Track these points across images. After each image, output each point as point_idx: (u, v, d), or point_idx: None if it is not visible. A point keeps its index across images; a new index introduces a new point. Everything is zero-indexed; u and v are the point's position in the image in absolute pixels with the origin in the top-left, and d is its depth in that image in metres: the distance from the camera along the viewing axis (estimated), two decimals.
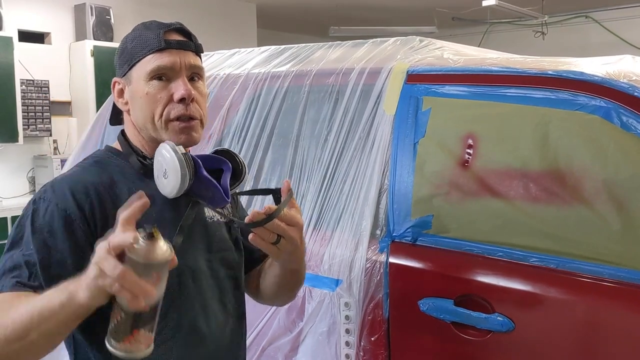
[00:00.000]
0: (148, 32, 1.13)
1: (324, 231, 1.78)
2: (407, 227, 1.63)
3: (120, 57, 1.16)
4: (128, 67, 1.13)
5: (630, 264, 1.32)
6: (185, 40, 1.14)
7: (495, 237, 1.50)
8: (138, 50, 1.12)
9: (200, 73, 1.16)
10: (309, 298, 1.75)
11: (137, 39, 1.13)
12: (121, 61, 1.15)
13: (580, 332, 1.37)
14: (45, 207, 1.05)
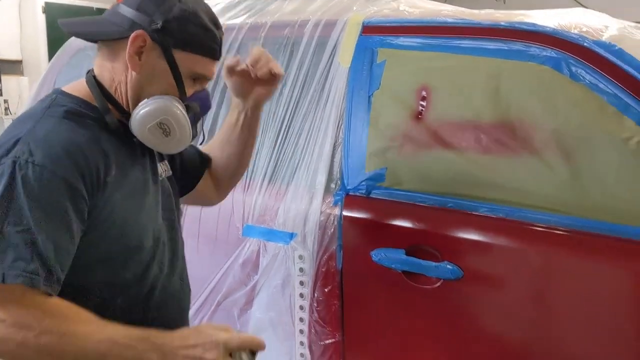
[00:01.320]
0: (211, 33, 1.10)
1: (278, 185, 1.77)
2: (361, 180, 1.63)
3: (171, 21, 1.05)
4: (174, 44, 1.06)
5: (578, 212, 1.35)
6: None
7: (446, 189, 1.51)
8: (197, 42, 1.08)
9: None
10: (264, 252, 1.74)
11: (199, 29, 1.08)
12: (171, 27, 1.05)
13: (528, 279, 1.40)
14: (38, 174, 0.93)
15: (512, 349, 1.43)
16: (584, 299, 1.33)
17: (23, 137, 0.96)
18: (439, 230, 1.49)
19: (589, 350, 1.34)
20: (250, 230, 1.77)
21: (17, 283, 0.88)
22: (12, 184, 0.92)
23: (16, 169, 0.93)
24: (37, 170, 0.93)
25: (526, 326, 1.40)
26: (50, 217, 0.93)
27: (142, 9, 1.05)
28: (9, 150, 0.95)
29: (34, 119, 1.01)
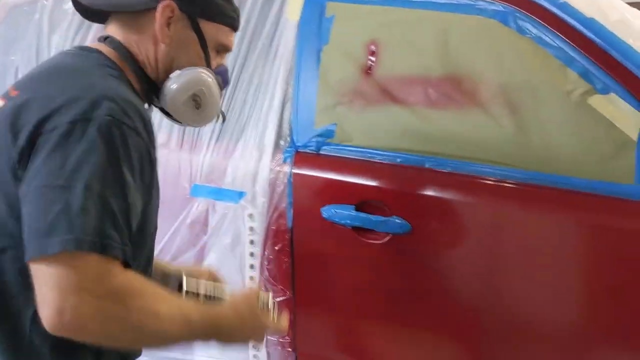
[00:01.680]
0: (231, 3, 1.10)
1: (226, 143, 1.73)
2: (311, 137, 1.61)
3: None
4: (200, 14, 1.04)
5: (524, 165, 1.37)
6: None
7: (396, 144, 1.51)
8: (221, 12, 1.07)
9: None
10: (212, 212, 1.71)
11: (226, 2, 1.09)
12: (200, 2, 1.04)
13: (476, 233, 1.42)
14: (136, 139, 0.87)
15: (461, 302, 1.45)
16: (532, 250, 1.36)
17: (105, 93, 0.87)
18: (388, 185, 1.49)
19: (537, 300, 1.37)
20: (198, 189, 1.73)
21: (113, 255, 0.81)
22: (112, 146, 0.84)
23: (114, 129, 0.84)
24: (133, 134, 0.87)
25: (475, 279, 1.42)
26: (137, 187, 0.88)
27: None
28: (93, 105, 0.84)
29: (96, 75, 0.93)
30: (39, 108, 0.86)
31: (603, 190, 1.26)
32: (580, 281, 1.34)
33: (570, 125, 1.33)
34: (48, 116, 0.84)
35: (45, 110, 0.85)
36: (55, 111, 0.84)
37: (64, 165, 0.81)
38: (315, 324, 1.66)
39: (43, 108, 0.85)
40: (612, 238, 1.26)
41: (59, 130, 0.83)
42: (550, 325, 1.37)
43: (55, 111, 0.84)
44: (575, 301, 1.35)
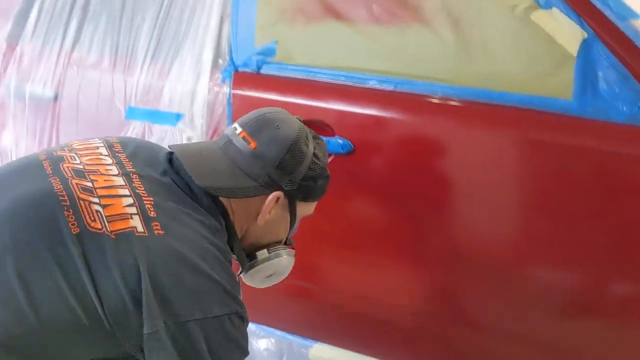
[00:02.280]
0: (328, 179, 1.17)
1: (162, 63, 1.64)
2: (251, 56, 1.54)
3: (307, 180, 1.10)
4: (301, 198, 1.13)
5: (464, 81, 1.35)
6: None
7: (338, 62, 1.46)
8: (320, 193, 1.16)
9: None
10: (149, 135, 1.65)
11: (325, 181, 1.16)
12: (304, 188, 1.10)
13: (419, 151, 1.40)
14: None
15: (403, 221, 1.46)
16: (474, 168, 1.35)
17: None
18: (330, 105, 1.45)
19: (479, 217, 1.38)
20: (134, 112, 1.66)
21: None
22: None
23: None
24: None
25: (418, 198, 1.42)
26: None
27: (282, 166, 1.06)
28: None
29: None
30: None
31: (542, 105, 1.27)
32: (519, 198, 1.36)
33: (513, 41, 1.31)
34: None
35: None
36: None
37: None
38: None
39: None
40: (550, 154, 1.28)
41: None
42: (492, 242, 1.40)
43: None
44: (515, 217, 1.38)
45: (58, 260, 0.88)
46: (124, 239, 0.90)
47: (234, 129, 1.10)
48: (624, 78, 1.21)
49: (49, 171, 0.99)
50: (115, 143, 1.11)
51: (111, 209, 0.93)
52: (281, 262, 1.16)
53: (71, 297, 0.87)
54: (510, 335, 1.45)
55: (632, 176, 1.22)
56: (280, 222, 1.13)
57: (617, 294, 1.32)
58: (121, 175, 1.00)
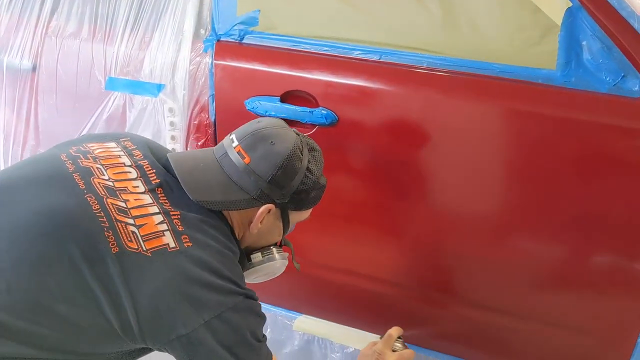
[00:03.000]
0: (324, 188, 1.23)
1: (142, 33, 1.61)
2: (233, 25, 1.51)
3: (299, 193, 1.15)
4: (294, 208, 1.18)
5: (449, 51, 1.34)
6: None
7: (322, 32, 1.44)
8: (313, 202, 1.21)
9: None
10: (130, 106, 1.62)
11: (319, 192, 1.20)
12: (296, 200, 1.16)
13: (403, 122, 1.39)
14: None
15: (388, 193, 1.46)
16: (459, 139, 1.35)
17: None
18: (314, 75, 1.43)
19: (463, 188, 1.38)
20: (114, 83, 1.62)
21: None
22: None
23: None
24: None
25: (403, 169, 1.42)
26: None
27: (274, 181, 1.11)
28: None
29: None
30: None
31: (526, 76, 1.26)
32: (504, 169, 1.36)
33: (498, 11, 1.30)
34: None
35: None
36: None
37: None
38: None
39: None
40: (534, 124, 1.27)
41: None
42: (475, 213, 1.40)
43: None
44: (499, 188, 1.38)
45: (98, 276, 0.97)
46: (159, 255, 1.00)
47: (231, 140, 1.15)
48: (607, 48, 1.21)
49: (82, 186, 1.05)
50: (133, 150, 1.18)
51: (145, 229, 1.02)
52: (275, 264, 1.25)
53: (109, 310, 0.97)
54: (494, 308, 1.47)
55: (615, 146, 1.23)
56: (273, 230, 1.21)
57: (602, 265, 1.33)
58: (148, 193, 1.09)
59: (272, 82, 1.46)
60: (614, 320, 1.36)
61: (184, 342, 1.00)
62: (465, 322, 1.52)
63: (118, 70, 1.62)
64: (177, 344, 1.00)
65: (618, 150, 1.23)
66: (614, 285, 1.34)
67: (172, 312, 0.99)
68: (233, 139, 1.15)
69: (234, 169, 1.11)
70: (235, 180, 1.11)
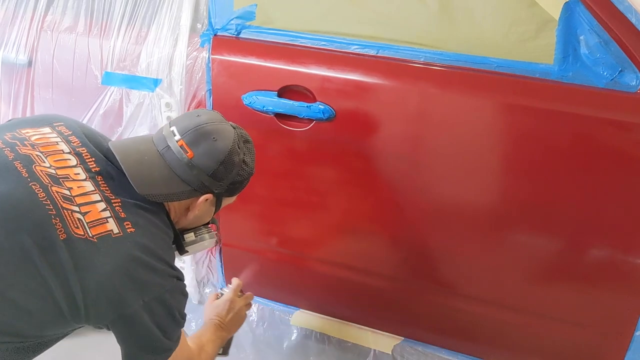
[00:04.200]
0: (251, 176, 1.29)
1: (138, 28, 1.60)
2: (230, 19, 1.50)
3: (235, 183, 1.23)
4: (227, 194, 1.27)
5: (446, 46, 1.34)
6: None
7: (319, 26, 1.44)
8: (242, 188, 1.29)
9: None
10: (127, 101, 1.61)
11: (248, 180, 1.28)
12: (231, 189, 1.24)
13: (400, 117, 1.39)
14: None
15: (386, 188, 1.46)
16: (456, 134, 1.35)
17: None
18: (311, 70, 1.43)
19: (461, 183, 1.38)
20: (111, 77, 1.62)
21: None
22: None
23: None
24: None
25: (400, 164, 1.42)
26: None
27: (215, 175, 1.19)
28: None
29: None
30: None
31: (524, 70, 1.26)
32: (500, 163, 1.35)
33: (495, 5, 1.29)
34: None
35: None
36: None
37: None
38: (238, 215, 1.65)
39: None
40: (531, 118, 1.27)
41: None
42: (473, 207, 1.40)
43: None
44: (496, 182, 1.38)
45: (50, 263, 1.01)
46: (104, 241, 1.06)
47: (172, 133, 1.18)
48: (605, 42, 1.21)
49: (25, 174, 1.08)
50: (69, 136, 1.21)
51: (90, 216, 1.07)
52: (204, 244, 1.34)
53: (59, 295, 1.02)
54: (492, 301, 1.47)
55: (613, 141, 1.23)
56: (207, 213, 1.30)
57: (599, 258, 1.33)
58: (89, 180, 1.13)
59: (270, 76, 1.46)
60: (612, 314, 1.37)
61: (125, 319, 1.07)
62: (462, 316, 1.53)
63: (114, 65, 1.61)
64: (118, 322, 1.07)
65: (615, 145, 1.23)
66: (611, 278, 1.34)
67: (116, 293, 1.04)
68: (174, 131, 1.18)
69: (177, 162, 1.16)
70: (178, 174, 1.17)
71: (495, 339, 1.54)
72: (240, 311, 1.55)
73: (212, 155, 1.17)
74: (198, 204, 1.22)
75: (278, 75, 1.45)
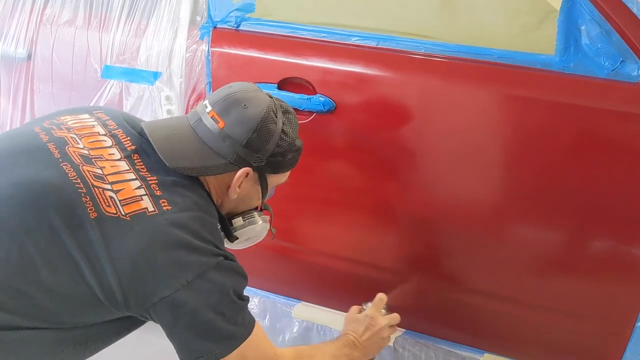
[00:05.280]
0: (301, 151, 1.22)
1: (138, 21, 1.60)
2: (230, 12, 1.50)
3: (275, 155, 1.15)
4: (271, 171, 1.18)
5: (447, 37, 1.33)
6: None
7: (319, 18, 1.43)
8: (290, 165, 1.21)
9: None
10: (127, 94, 1.61)
11: (295, 154, 1.20)
12: (272, 162, 1.16)
13: (402, 109, 1.38)
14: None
15: (386, 180, 1.46)
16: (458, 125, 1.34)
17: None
18: (311, 62, 1.43)
19: (463, 174, 1.37)
20: (110, 71, 1.62)
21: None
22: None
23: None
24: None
25: (401, 156, 1.41)
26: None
27: (250, 145, 1.11)
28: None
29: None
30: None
31: (525, 61, 1.25)
32: (502, 154, 1.35)
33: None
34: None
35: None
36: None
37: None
38: None
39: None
40: (533, 110, 1.27)
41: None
42: (474, 199, 1.40)
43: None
44: (498, 174, 1.37)
45: (79, 242, 0.97)
46: (138, 219, 1.00)
47: (204, 106, 1.14)
48: (606, 33, 1.20)
49: (57, 155, 1.05)
50: (107, 120, 1.17)
51: (123, 193, 1.02)
52: (255, 228, 1.24)
53: (90, 276, 0.98)
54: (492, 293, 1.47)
55: (614, 131, 1.23)
56: (252, 194, 1.20)
57: (600, 250, 1.33)
58: (124, 159, 1.08)
59: (269, 69, 1.46)
60: (613, 305, 1.37)
61: (168, 303, 0.99)
62: (462, 308, 1.53)
63: (114, 58, 1.61)
64: (161, 306, 0.99)
65: (616, 135, 1.23)
66: (612, 270, 1.34)
67: (154, 274, 0.98)
68: (206, 104, 1.14)
69: (209, 134, 1.11)
70: (210, 146, 1.11)
71: (497, 331, 1.54)
72: (381, 332, 1.36)
73: (244, 123, 1.10)
74: (237, 178, 1.13)
75: (278, 68, 1.45)
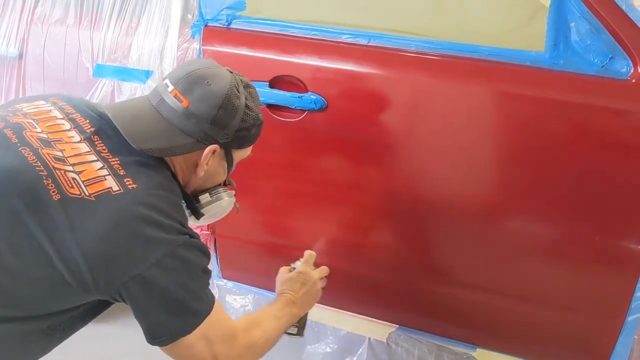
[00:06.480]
0: (262, 124, 1.20)
1: (129, 19, 1.60)
2: (221, 10, 1.50)
3: (241, 130, 1.14)
4: (237, 146, 1.17)
5: (437, 34, 1.34)
6: None
7: (310, 16, 1.43)
8: (254, 139, 1.20)
9: None
10: (119, 93, 1.61)
11: (258, 128, 1.19)
12: (238, 137, 1.15)
13: (393, 106, 1.39)
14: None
15: (378, 178, 1.46)
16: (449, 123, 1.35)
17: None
18: (303, 60, 1.43)
19: (455, 171, 1.38)
20: (102, 69, 1.62)
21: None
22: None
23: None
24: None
25: (393, 153, 1.42)
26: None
27: (216, 122, 1.10)
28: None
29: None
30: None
31: (515, 58, 1.26)
32: (493, 150, 1.35)
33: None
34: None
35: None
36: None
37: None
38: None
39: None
40: (523, 106, 1.27)
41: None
42: (466, 195, 1.40)
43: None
44: (488, 170, 1.38)
45: (43, 225, 0.96)
46: (103, 199, 0.98)
47: (165, 85, 1.12)
48: (596, 30, 1.21)
49: (15, 140, 1.03)
50: (63, 105, 1.16)
51: (86, 174, 1.01)
52: (221, 204, 1.25)
53: (57, 259, 0.96)
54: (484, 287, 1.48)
55: (603, 127, 1.23)
56: (218, 170, 1.20)
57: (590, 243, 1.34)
58: (84, 141, 1.07)
59: (261, 67, 1.46)
60: (604, 298, 1.38)
61: (138, 282, 0.98)
62: (455, 303, 1.54)
63: (106, 57, 1.61)
64: (132, 285, 0.98)
65: (606, 131, 1.23)
66: (603, 263, 1.35)
67: (122, 253, 0.97)
68: (167, 83, 1.11)
69: (173, 113, 1.09)
70: (176, 125, 1.09)
71: (489, 325, 1.55)
72: (315, 285, 1.41)
73: (209, 100, 1.09)
74: (205, 156, 1.12)
75: (269, 66, 1.45)
